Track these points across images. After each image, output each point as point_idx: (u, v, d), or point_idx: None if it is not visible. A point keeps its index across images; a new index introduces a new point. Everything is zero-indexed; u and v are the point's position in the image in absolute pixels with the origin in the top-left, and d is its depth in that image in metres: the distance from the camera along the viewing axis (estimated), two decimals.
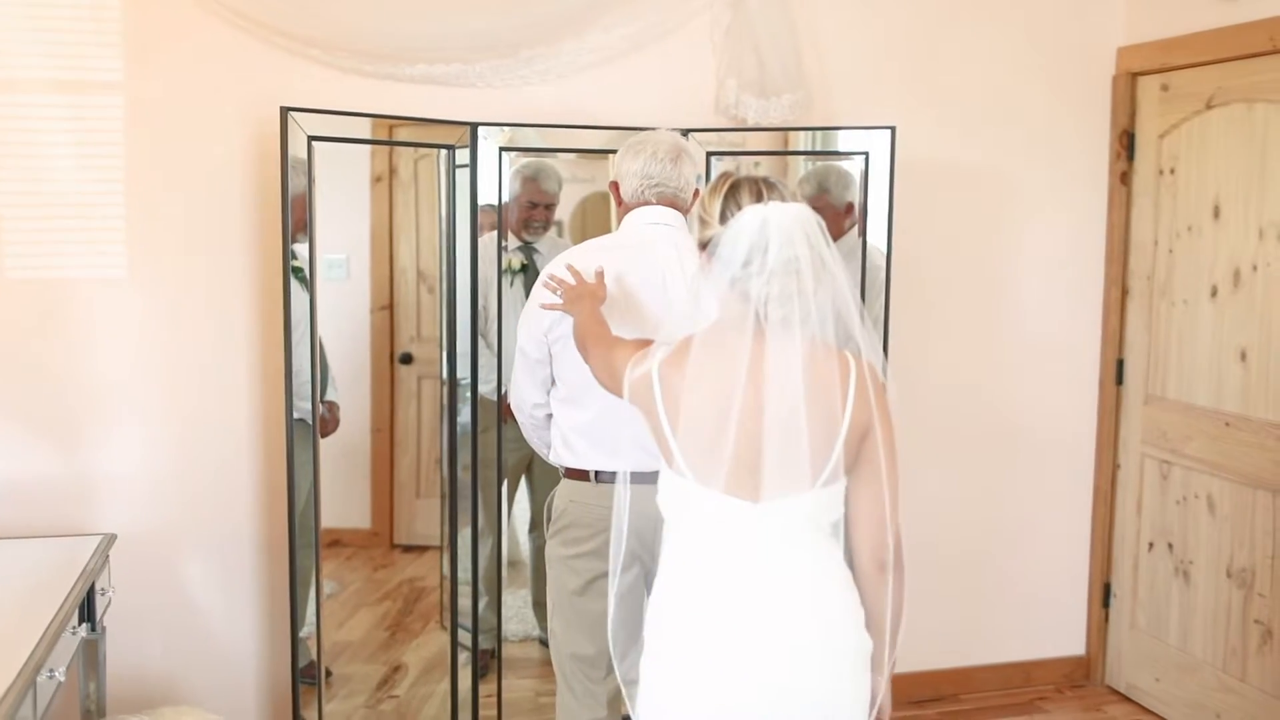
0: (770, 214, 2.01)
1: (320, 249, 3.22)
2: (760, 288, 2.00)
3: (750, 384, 2.01)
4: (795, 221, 2.01)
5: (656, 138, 2.87)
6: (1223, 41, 3.58)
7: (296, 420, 3.18)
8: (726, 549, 2.09)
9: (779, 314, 2.00)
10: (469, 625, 3.54)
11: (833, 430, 2.04)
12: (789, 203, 2.05)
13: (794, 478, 2.04)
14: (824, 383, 2.03)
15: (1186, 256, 3.80)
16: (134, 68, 3.27)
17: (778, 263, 1.98)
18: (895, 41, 3.85)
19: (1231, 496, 3.64)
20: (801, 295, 1.99)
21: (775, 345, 2.02)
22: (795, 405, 2.00)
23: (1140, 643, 4.06)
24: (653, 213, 2.81)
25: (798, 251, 1.99)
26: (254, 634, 3.54)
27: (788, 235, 1.99)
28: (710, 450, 2.04)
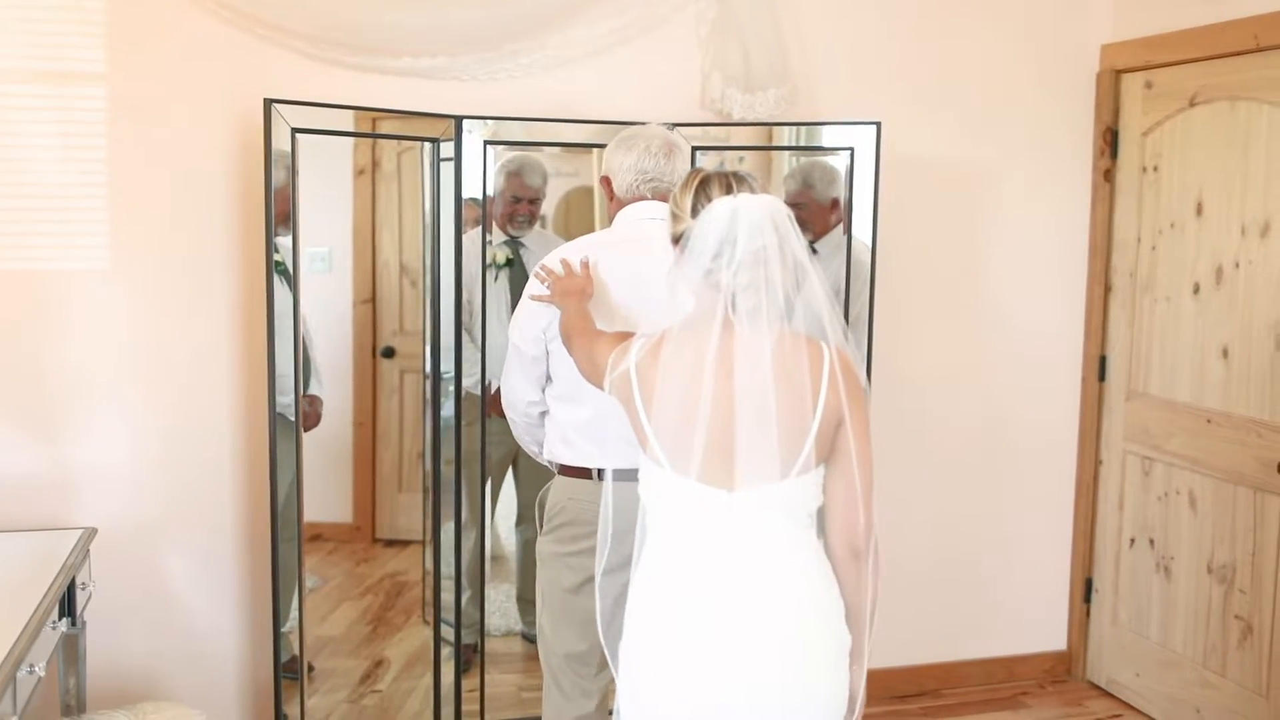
0: (739, 205, 2.05)
1: (303, 242, 3.20)
2: (729, 279, 2.03)
3: (722, 373, 2.05)
4: (764, 212, 2.05)
5: (649, 132, 2.86)
6: (1206, 40, 3.59)
7: (279, 414, 3.17)
8: (701, 537, 2.12)
9: (747, 304, 2.04)
10: (452, 620, 3.53)
11: (805, 419, 2.07)
12: (759, 195, 2.10)
13: (767, 466, 2.07)
14: (796, 372, 2.07)
15: (1169, 253, 3.82)
16: (117, 59, 3.24)
17: (746, 253, 2.02)
18: (881, 37, 3.85)
19: (1213, 493, 3.66)
20: (769, 285, 2.03)
21: (745, 335, 2.05)
22: (766, 394, 2.04)
23: (1121, 638, 4.08)
24: (648, 208, 2.79)
25: (765, 241, 2.03)
26: (235, 629, 3.52)
27: (756, 226, 2.03)
28: (684, 439, 2.07)
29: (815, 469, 2.11)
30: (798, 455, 2.08)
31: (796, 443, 2.08)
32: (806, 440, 2.08)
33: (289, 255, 3.18)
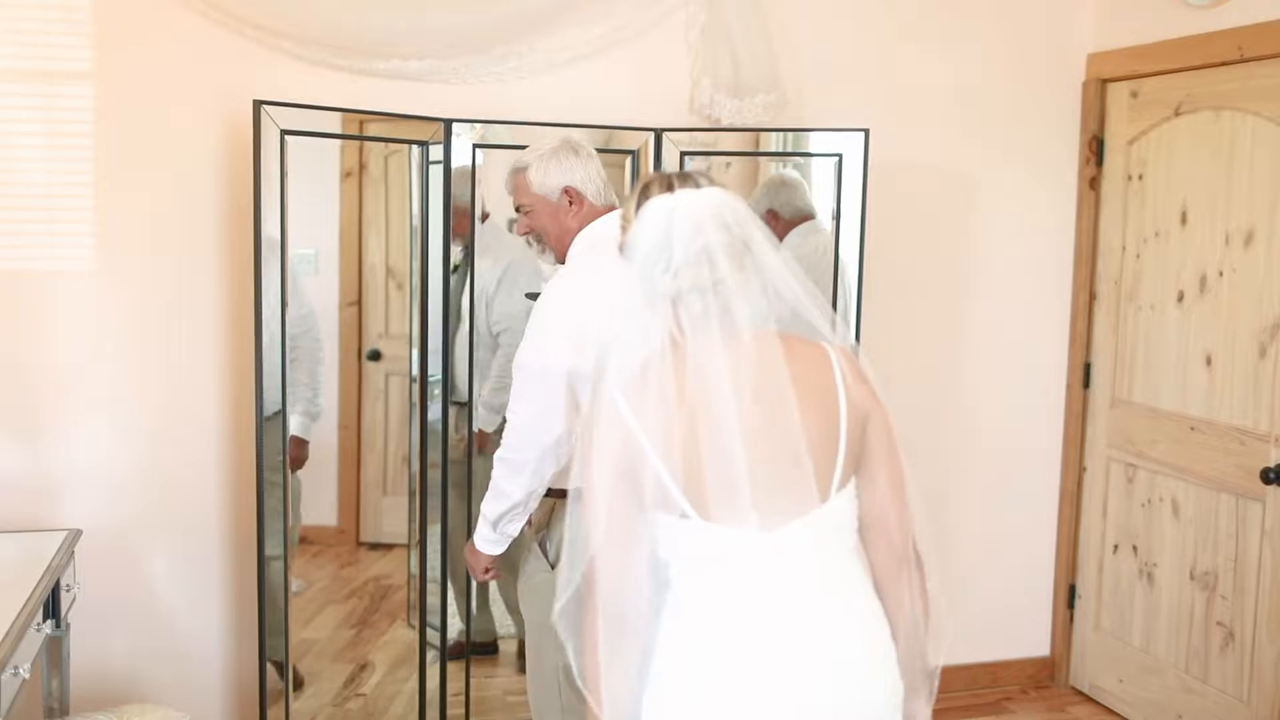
0: (676, 204, 1.83)
1: (290, 244, 3.20)
2: (668, 283, 1.80)
3: (724, 391, 1.77)
4: (705, 208, 1.82)
5: (573, 138, 2.84)
6: (1191, 50, 3.62)
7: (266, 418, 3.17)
8: (747, 594, 1.81)
9: (695, 309, 1.80)
10: (437, 624, 3.52)
11: (831, 426, 1.84)
12: (703, 189, 1.86)
13: (803, 492, 1.80)
14: (808, 376, 1.84)
15: (1154, 262, 3.84)
16: (103, 58, 3.23)
17: (685, 254, 1.79)
18: (869, 45, 3.87)
19: (1195, 500, 3.68)
20: (719, 284, 1.79)
21: (712, 347, 1.80)
22: (780, 407, 1.78)
23: (1104, 644, 4.10)
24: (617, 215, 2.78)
25: (709, 239, 1.79)
26: (220, 631, 3.51)
27: (695, 224, 1.80)
28: (701, 479, 1.78)
29: (851, 481, 1.87)
30: (833, 470, 1.84)
31: (828, 455, 1.83)
32: (839, 450, 1.84)
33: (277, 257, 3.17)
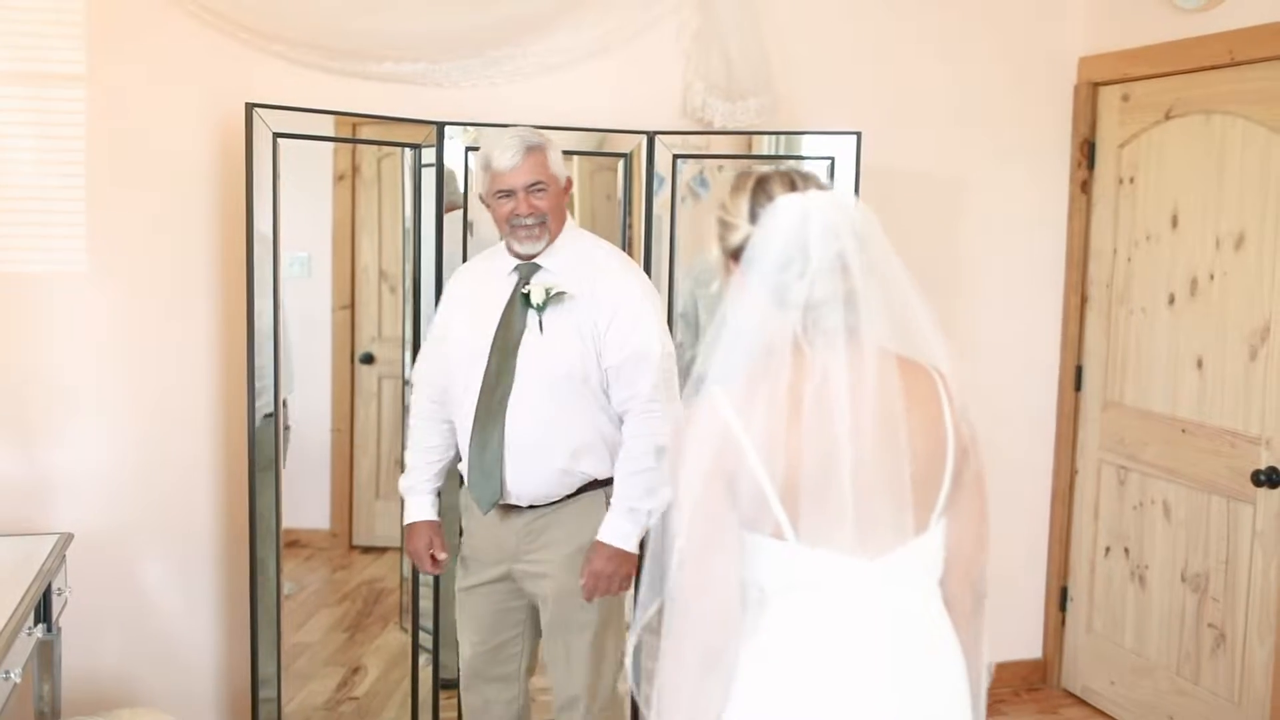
0: (810, 204, 1.70)
1: (283, 247, 3.20)
2: (801, 292, 1.68)
3: (839, 407, 1.67)
4: (840, 212, 1.70)
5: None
6: (1182, 53, 3.63)
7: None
8: (847, 625, 1.71)
9: (829, 321, 1.68)
10: (430, 627, 3.52)
11: (939, 458, 1.76)
12: (829, 191, 1.76)
13: (904, 519, 1.71)
14: (920, 403, 1.75)
15: (1145, 265, 3.85)
16: (97, 60, 3.23)
17: (822, 260, 1.67)
18: (861, 48, 3.87)
19: (1187, 502, 3.69)
20: (851, 295, 1.68)
21: (855, 356, 1.69)
22: (895, 430, 1.68)
23: (1096, 646, 4.11)
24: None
25: (844, 246, 1.68)
26: (212, 635, 3.50)
27: (831, 228, 1.68)
28: (809, 498, 1.67)
29: (943, 515, 1.79)
30: (935, 501, 1.76)
31: (933, 487, 1.75)
32: (943, 482, 1.76)
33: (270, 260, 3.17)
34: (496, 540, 2.86)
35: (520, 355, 2.75)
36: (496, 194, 2.75)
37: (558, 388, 2.74)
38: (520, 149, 2.73)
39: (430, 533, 2.93)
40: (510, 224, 2.76)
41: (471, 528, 2.92)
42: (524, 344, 2.75)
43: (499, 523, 2.84)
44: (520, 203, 2.74)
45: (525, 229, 2.75)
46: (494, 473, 2.77)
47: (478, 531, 2.90)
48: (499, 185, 2.74)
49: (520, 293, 2.77)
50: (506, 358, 2.75)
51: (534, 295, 2.75)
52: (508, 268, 2.82)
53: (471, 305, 2.86)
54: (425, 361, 2.98)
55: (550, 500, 2.80)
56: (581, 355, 2.74)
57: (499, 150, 2.73)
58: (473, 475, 2.81)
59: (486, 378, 2.76)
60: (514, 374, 2.74)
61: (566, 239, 2.81)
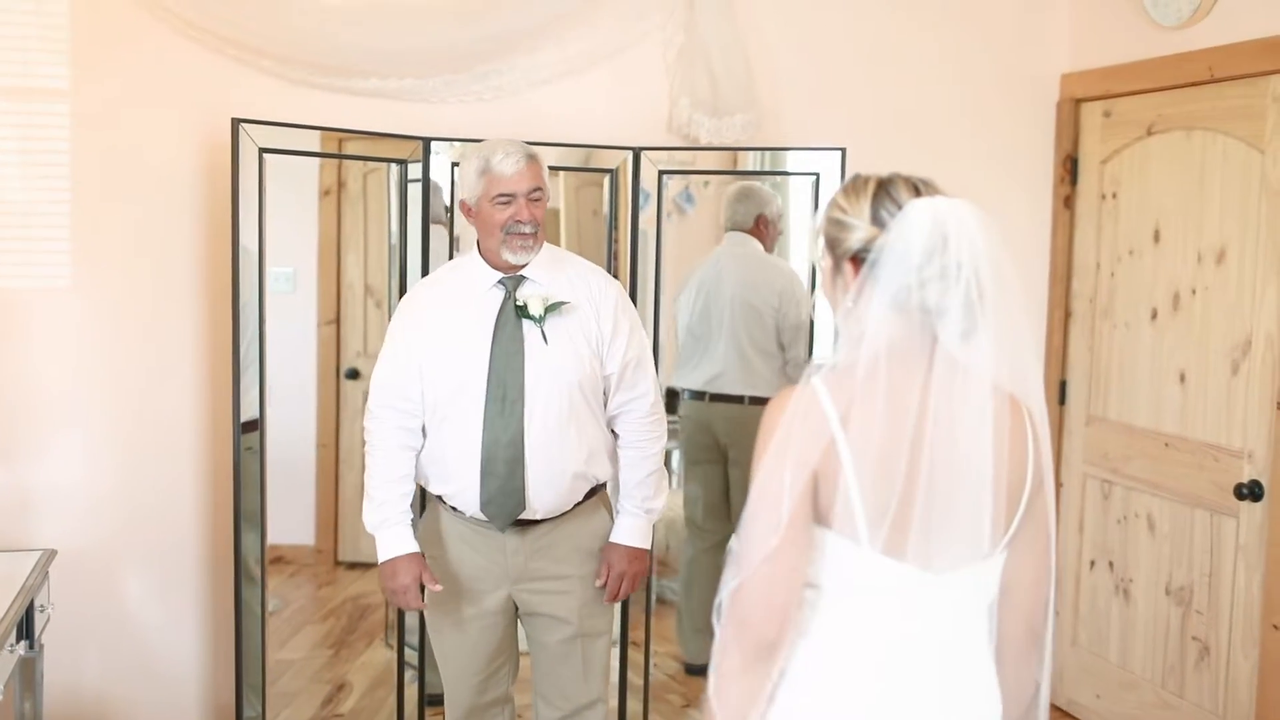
0: (942, 207, 1.66)
1: (268, 262, 3.20)
2: (937, 295, 1.64)
3: (936, 419, 1.65)
4: (975, 219, 1.66)
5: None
6: (1163, 70, 3.66)
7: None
8: (900, 635, 1.71)
9: (959, 328, 1.65)
10: (415, 643, 3.51)
11: (1018, 484, 1.73)
12: (954, 198, 1.70)
13: (977, 538, 1.70)
14: (1010, 426, 1.71)
15: (1128, 279, 3.87)
16: (81, 75, 3.23)
17: (958, 264, 1.63)
18: (845, 64, 3.89)
19: (1170, 515, 3.70)
20: (983, 307, 1.64)
21: (957, 369, 1.66)
22: (987, 446, 1.66)
23: (1082, 660, 4.12)
24: None
25: (978, 252, 1.64)
26: (196, 652, 3.49)
27: (969, 233, 1.64)
28: (888, 505, 1.65)
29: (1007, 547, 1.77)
30: (1008, 526, 1.74)
31: (1009, 511, 1.72)
32: (1019, 508, 1.73)
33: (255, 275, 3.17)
34: (498, 561, 2.79)
35: (528, 368, 2.71)
36: (495, 198, 2.70)
37: (571, 395, 2.73)
38: (524, 155, 2.72)
39: (418, 564, 2.75)
40: (506, 230, 2.71)
41: (460, 553, 2.82)
42: (529, 356, 2.71)
43: (503, 541, 2.78)
44: (521, 208, 2.70)
45: (522, 237, 2.71)
46: (516, 487, 2.71)
47: (471, 556, 2.81)
48: (500, 189, 2.69)
49: (514, 305, 2.73)
50: (513, 372, 2.70)
51: (532, 307, 2.71)
52: (487, 282, 2.77)
53: (452, 326, 2.77)
54: (389, 388, 2.80)
55: (562, 510, 2.79)
56: (590, 361, 2.75)
57: (502, 154, 2.70)
58: (490, 495, 2.71)
59: (491, 394, 2.70)
60: (523, 387, 2.70)
61: (544, 252, 2.80)
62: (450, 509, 2.82)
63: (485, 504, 2.73)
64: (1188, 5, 3.52)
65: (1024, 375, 1.73)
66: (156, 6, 3.22)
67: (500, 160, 2.70)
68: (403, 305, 2.89)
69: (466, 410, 2.72)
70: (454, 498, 2.79)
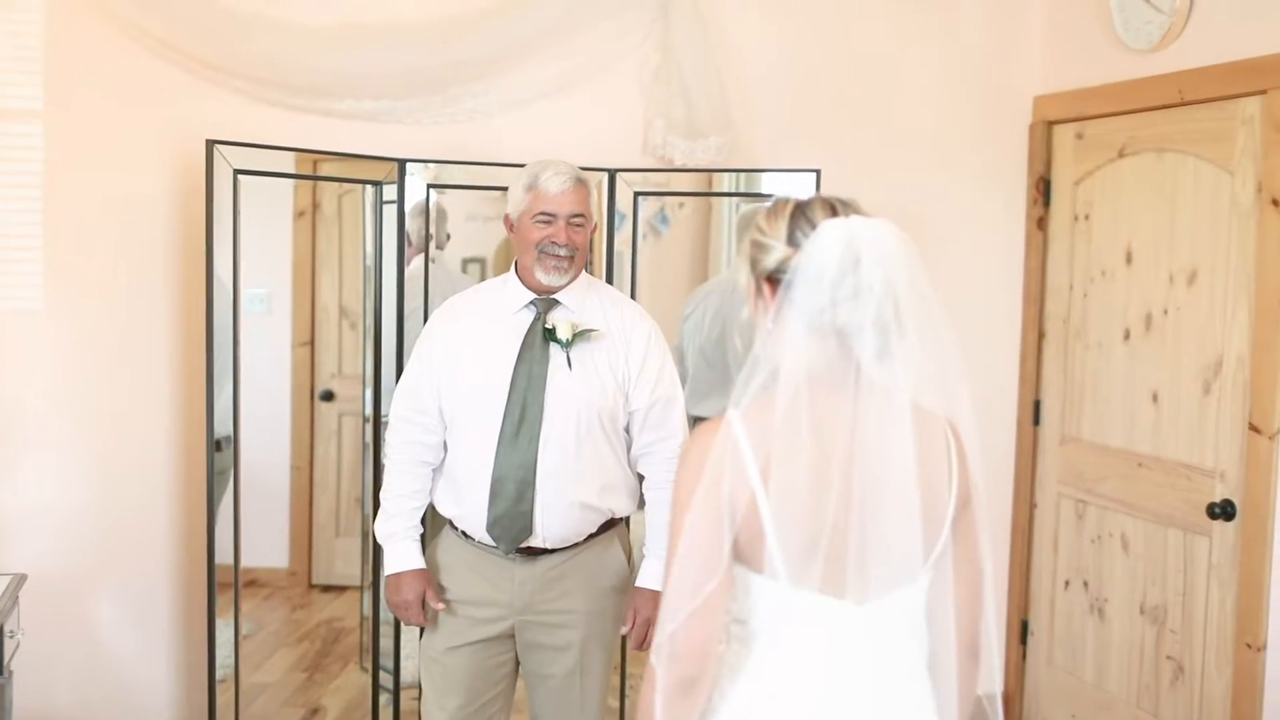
0: (857, 227, 1.65)
1: (242, 283, 3.18)
2: (848, 315, 1.63)
3: (854, 442, 1.64)
4: (891, 237, 1.65)
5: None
6: (1134, 93, 3.69)
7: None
8: (829, 669, 1.71)
9: (875, 347, 1.64)
10: (390, 666, 3.48)
11: (940, 506, 1.72)
12: (873, 218, 1.69)
13: (903, 564, 1.69)
14: (928, 447, 1.71)
15: (1100, 300, 3.90)
16: (55, 96, 3.22)
17: (870, 283, 1.62)
18: (820, 87, 3.92)
19: (1144, 535, 3.72)
20: (900, 327, 1.64)
21: (878, 391, 1.66)
22: (908, 470, 1.65)
23: (1057, 679, 4.12)
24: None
25: (894, 273, 1.63)
26: (169, 677, 3.45)
27: (882, 253, 1.63)
28: (807, 537, 1.64)
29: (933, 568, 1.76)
30: (933, 549, 1.72)
31: (932, 534, 1.71)
32: (942, 530, 1.73)
33: (229, 297, 3.16)
34: (505, 590, 2.73)
35: (549, 392, 2.67)
36: (536, 216, 2.68)
37: (590, 425, 2.68)
38: (572, 177, 2.70)
39: (423, 581, 2.73)
40: (541, 250, 2.68)
41: (467, 579, 2.76)
42: (552, 380, 2.67)
43: (512, 570, 2.73)
44: (560, 230, 2.68)
45: (557, 259, 2.69)
46: (524, 511, 2.67)
47: (477, 583, 2.75)
48: (543, 207, 2.67)
49: (543, 328, 2.70)
50: (534, 394, 2.66)
51: (560, 331, 2.68)
52: (519, 302, 2.74)
53: (478, 341, 2.73)
54: (410, 400, 2.77)
55: (572, 542, 2.73)
56: (614, 393, 2.71)
57: (550, 173, 2.68)
58: (496, 516, 2.67)
59: (509, 415, 2.66)
60: (543, 410, 2.66)
61: (581, 279, 2.78)
62: (460, 534, 2.77)
63: (491, 525, 2.68)
64: (1158, 29, 3.56)
65: (949, 394, 1.74)
66: (131, 27, 3.21)
67: (549, 178, 2.68)
68: (435, 317, 2.86)
69: (483, 429, 2.68)
70: (463, 520, 2.75)
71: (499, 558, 2.72)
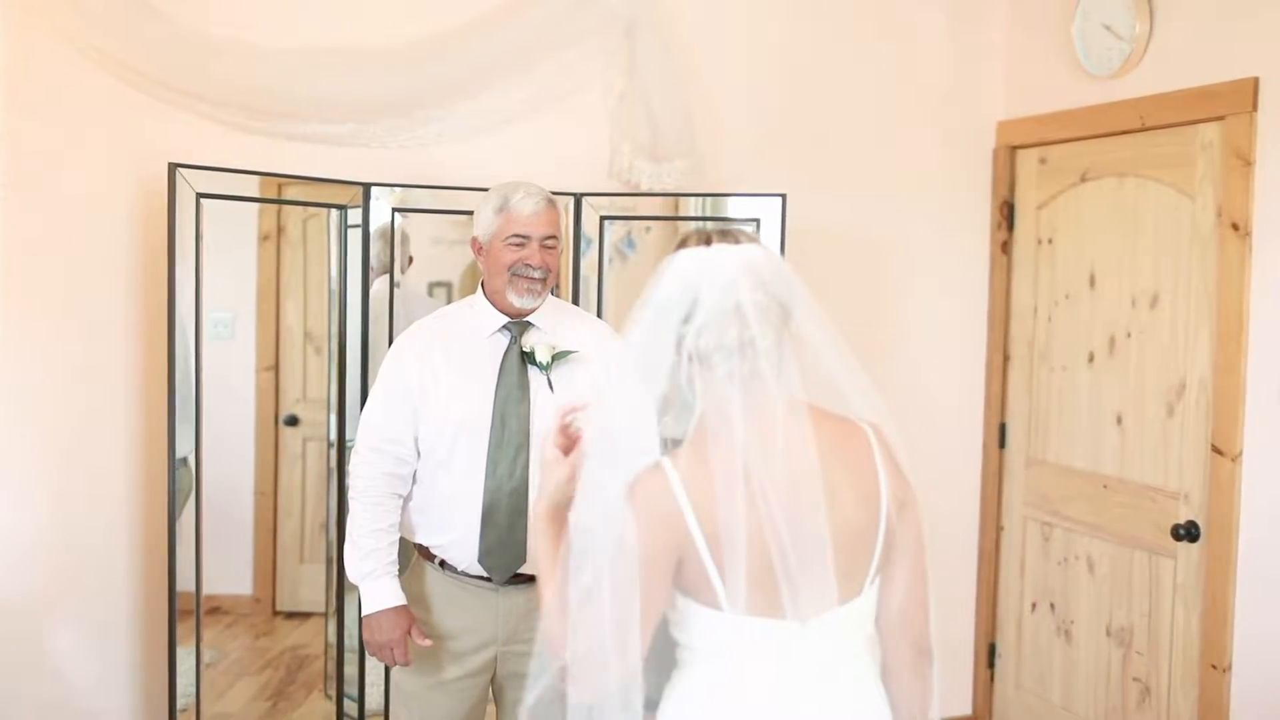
0: (706, 257, 1.70)
1: (205, 307, 3.16)
2: (692, 340, 1.69)
3: (766, 466, 1.66)
4: (740, 264, 1.70)
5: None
6: (1095, 118, 3.73)
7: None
8: (777, 694, 1.71)
9: (722, 370, 1.69)
10: (355, 694, 3.45)
11: (872, 516, 1.74)
12: (741, 244, 1.74)
13: (835, 583, 1.69)
14: (846, 458, 1.74)
15: (1065, 323, 3.92)
16: (13, 119, 3.18)
17: (715, 310, 1.67)
18: (785, 111, 3.93)
19: (1110, 557, 3.74)
20: (747, 345, 1.68)
21: (777, 412, 1.69)
22: (816, 486, 1.67)
23: (1025, 702, 4.13)
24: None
25: (740, 298, 1.67)
26: (129, 708, 3.40)
27: (727, 279, 1.68)
28: (748, 567, 1.65)
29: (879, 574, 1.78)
30: (870, 561, 1.74)
31: (866, 546, 1.73)
32: (876, 541, 1.74)
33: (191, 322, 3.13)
34: (488, 622, 2.69)
35: (534, 415, 2.63)
36: (509, 239, 2.65)
37: None
38: (544, 198, 2.68)
39: (407, 618, 2.65)
40: (514, 272, 2.65)
41: (446, 612, 2.72)
42: (535, 404, 2.63)
43: (495, 600, 2.68)
44: (534, 253, 2.65)
45: (530, 281, 2.66)
46: (517, 540, 2.62)
47: (459, 616, 2.70)
48: (515, 229, 2.65)
49: (520, 351, 2.68)
50: (518, 420, 2.62)
51: (539, 354, 2.65)
52: (491, 326, 2.70)
53: (454, 368, 2.68)
54: (381, 430, 2.69)
55: None
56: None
57: (522, 194, 2.66)
58: (488, 546, 2.62)
59: (495, 443, 2.62)
60: (529, 435, 2.62)
61: (550, 301, 2.76)
62: (438, 564, 2.71)
63: (484, 555, 2.63)
64: (1118, 55, 3.60)
65: (856, 401, 1.76)
66: (90, 50, 3.19)
67: (520, 200, 2.66)
68: (398, 344, 2.78)
69: (466, 457, 2.63)
70: (446, 549, 2.69)
71: (477, 588, 2.68)
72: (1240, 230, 3.25)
